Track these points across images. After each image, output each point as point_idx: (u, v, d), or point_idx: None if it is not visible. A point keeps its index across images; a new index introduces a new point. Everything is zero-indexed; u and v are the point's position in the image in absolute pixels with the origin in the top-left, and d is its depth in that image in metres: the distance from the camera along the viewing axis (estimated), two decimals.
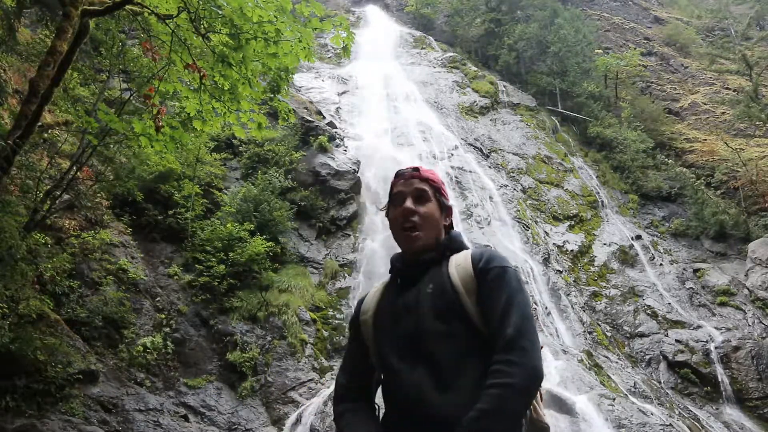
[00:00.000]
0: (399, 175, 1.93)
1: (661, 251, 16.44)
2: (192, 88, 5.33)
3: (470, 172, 16.56)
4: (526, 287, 1.69)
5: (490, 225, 14.67)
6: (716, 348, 11.86)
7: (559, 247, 15.34)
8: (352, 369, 1.93)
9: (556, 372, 9.53)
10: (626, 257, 15.61)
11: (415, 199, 1.84)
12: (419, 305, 1.73)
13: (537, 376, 1.54)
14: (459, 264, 1.76)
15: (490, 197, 15.84)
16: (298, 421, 8.22)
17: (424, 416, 1.60)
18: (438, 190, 1.89)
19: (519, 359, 1.53)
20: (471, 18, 28.33)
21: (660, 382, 11.53)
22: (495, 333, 1.61)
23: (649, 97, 24.46)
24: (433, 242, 1.84)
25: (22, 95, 7.41)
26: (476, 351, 1.64)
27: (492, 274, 1.69)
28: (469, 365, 1.62)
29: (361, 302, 1.98)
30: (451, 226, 1.94)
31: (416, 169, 1.91)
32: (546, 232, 15.72)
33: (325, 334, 10.32)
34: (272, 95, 5.57)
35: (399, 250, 1.93)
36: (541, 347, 1.95)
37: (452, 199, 15.15)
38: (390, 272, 1.94)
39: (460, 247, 1.86)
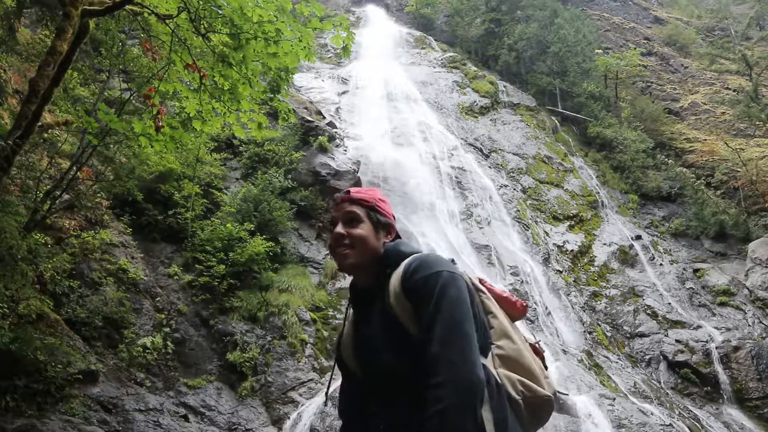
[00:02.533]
0: (334, 200, 1.91)
1: (661, 251, 16.44)
2: (192, 88, 5.34)
3: (470, 172, 16.57)
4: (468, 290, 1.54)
5: (490, 225, 14.68)
6: (716, 348, 11.86)
7: (559, 247, 15.34)
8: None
9: (557, 372, 9.54)
10: (626, 257, 15.61)
11: (345, 222, 1.80)
12: (373, 340, 1.72)
13: (470, 388, 1.46)
14: (395, 287, 1.67)
15: (490, 197, 15.85)
16: (298, 421, 8.23)
17: None
18: (372, 209, 1.82)
19: (446, 378, 1.46)
20: (471, 18, 28.32)
21: (660, 382, 11.54)
22: (427, 352, 1.55)
23: (649, 97, 24.46)
24: (366, 261, 1.76)
25: (22, 95, 7.41)
26: None
27: (417, 287, 1.61)
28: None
29: (341, 335, 1.96)
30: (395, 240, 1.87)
31: (347, 192, 1.86)
32: (546, 232, 15.73)
33: (325, 334, 10.32)
34: (272, 95, 5.56)
35: None
36: (539, 342, 1.93)
37: (452, 199, 15.18)
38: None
39: (396, 258, 1.75)
